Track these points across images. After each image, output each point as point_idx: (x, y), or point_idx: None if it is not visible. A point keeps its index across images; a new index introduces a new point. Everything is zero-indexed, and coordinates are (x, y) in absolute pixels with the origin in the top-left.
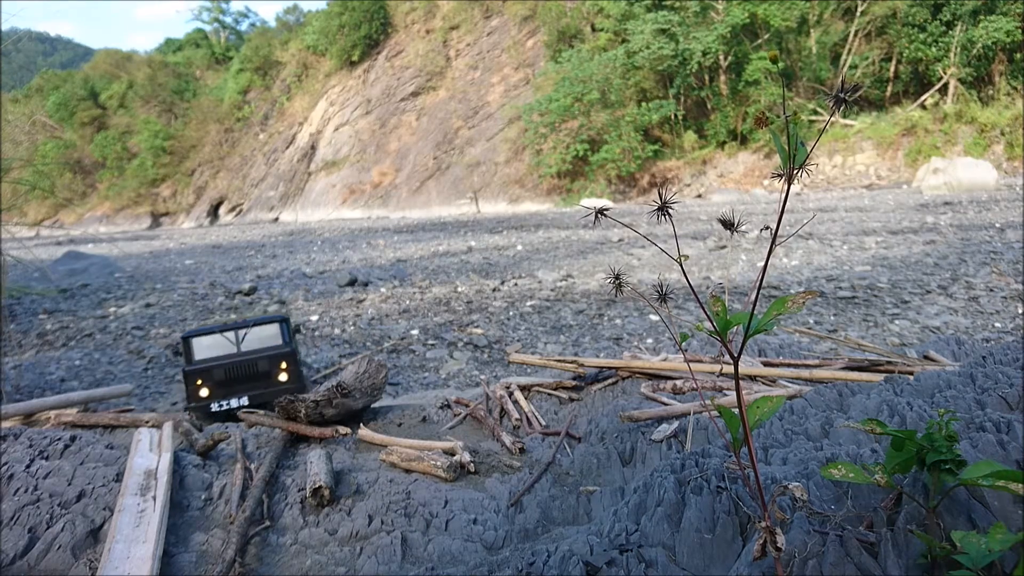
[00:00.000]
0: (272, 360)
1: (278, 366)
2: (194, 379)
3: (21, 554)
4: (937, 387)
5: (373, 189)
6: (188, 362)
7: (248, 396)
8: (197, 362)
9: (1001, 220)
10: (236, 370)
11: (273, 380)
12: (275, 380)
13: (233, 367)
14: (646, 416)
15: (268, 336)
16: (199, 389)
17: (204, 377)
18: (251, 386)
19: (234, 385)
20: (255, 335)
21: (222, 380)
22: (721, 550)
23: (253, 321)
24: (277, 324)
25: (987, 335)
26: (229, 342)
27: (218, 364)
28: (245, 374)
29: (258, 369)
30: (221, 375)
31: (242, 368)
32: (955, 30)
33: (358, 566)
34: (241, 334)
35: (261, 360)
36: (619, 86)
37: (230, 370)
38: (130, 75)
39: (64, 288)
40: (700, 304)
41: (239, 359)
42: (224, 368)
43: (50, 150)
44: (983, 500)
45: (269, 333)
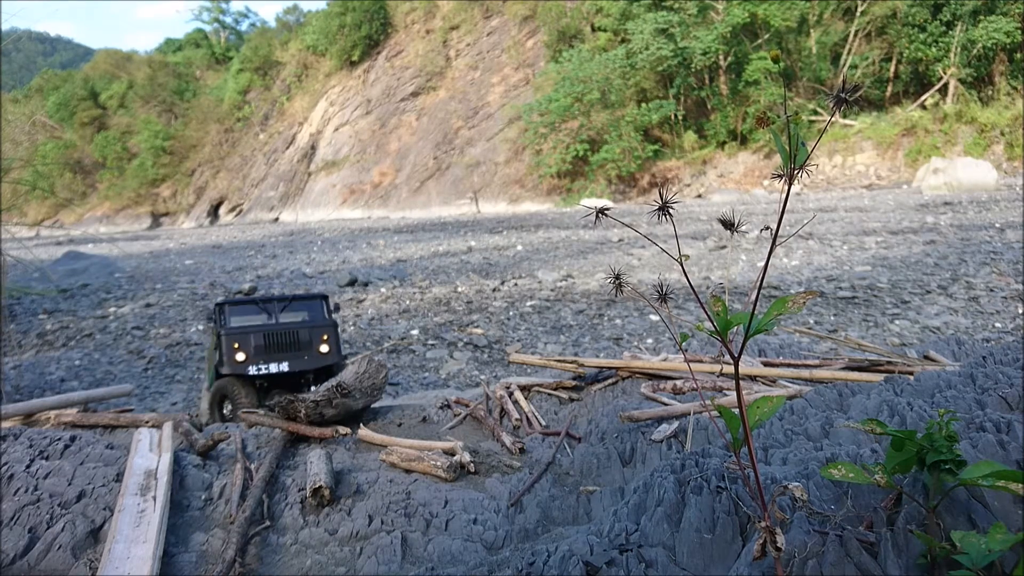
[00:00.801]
0: (313, 331)
1: (320, 337)
2: (231, 342)
3: (21, 554)
4: (937, 387)
5: (373, 189)
6: (223, 326)
7: (288, 363)
8: (234, 327)
9: (1001, 220)
10: (275, 337)
11: (314, 351)
12: (316, 351)
13: (272, 333)
14: (646, 416)
15: (309, 310)
16: (236, 352)
17: (241, 341)
18: (292, 354)
19: (273, 352)
20: (295, 309)
21: (260, 346)
22: (721, 550)
23: (293, 296)
24: (319, 300)
25: (987, 335)
26: (267, 314)
27: (256, 329)
28: (285, 342)
29: (298, 338)
30: (260, 340)
31: (282, 335)
32: (955, 30)
33: (358, 566)
34: (280, 307)
35: (302, 330)
36: (619, 86)
37: (269, 336)
38: (130, 75)
39: (64, 288)
40: (700, 304)
41: (279, 327)
42: (263, 333)
43: (50, 150)
44: (983, 500)
45: (310, 308)
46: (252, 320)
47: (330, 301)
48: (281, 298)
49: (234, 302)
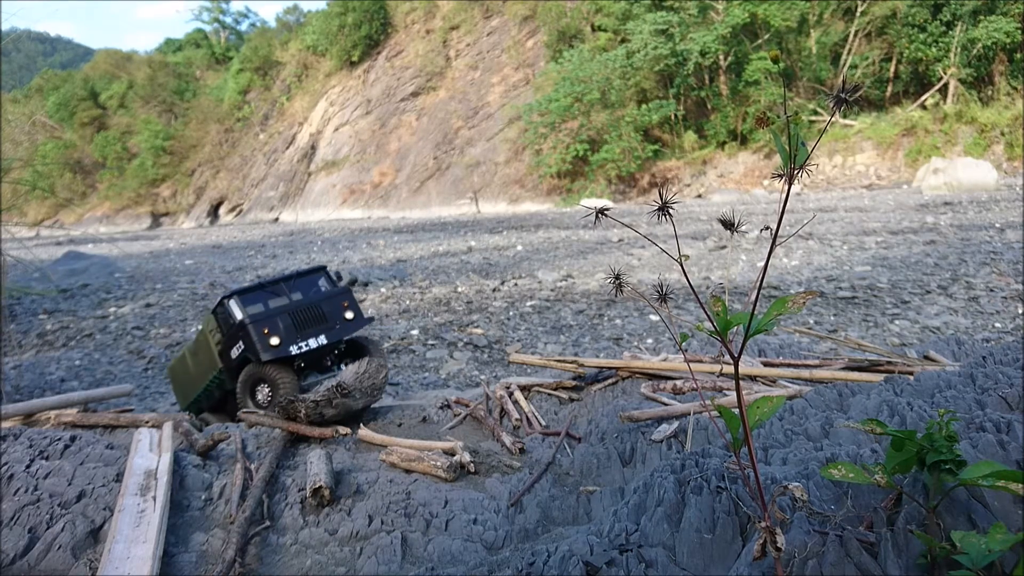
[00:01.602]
0: (333, 301)
1: (341, 305)
2: (259, 328)
3: (21, 554)
4: (937, 387)
5: (373, 189)
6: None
7: (325, 335)
8: (256, 314)
9: (1001, 220)
10: (302, 314)
11: (342, 319)
12: (343, 319)
13: (298, 311)
14: (646, 416)
15: (315, 284)
16: (268, 337)
17: (271, 326)
18: (323, 327)
19: (303, 328)
20: (301, 287)
21: (290, 326)
22: (721, 550)
23: (295, 273)
24: (320, 273)
25: (987, 335)
26: (277, 296)
27: (281, 311)
28: (312, 316)
29: (323, 310)
30: (288, 321)
31: (307, 311)
32: (955, 30)
33: (358, 566)
34: (287, 287)
35: (324, 302)
36: (619, 86)
37: (296, 314)
38: (130, 75)
39: (64, 288)
40: (700, 304)
41: (302, 304)
42: (288, 313)
43: (50, 150)
44: (983, 500)
45: (315, 282)
46: (268, 304)
47: (329, 271)
48: (283, 278)
49: (241, 291)
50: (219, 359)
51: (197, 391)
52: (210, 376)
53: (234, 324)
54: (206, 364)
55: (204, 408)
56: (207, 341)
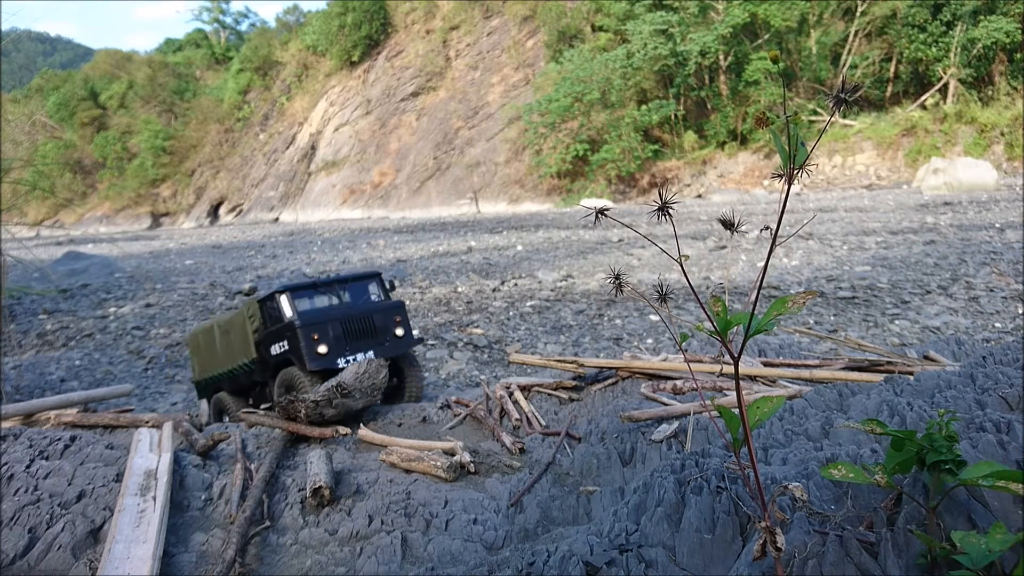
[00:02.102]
0: (386, 313)
1: (393, 319)
2: (310, 333)
3: (21, 554)
4: (937, 387)
5: (373, 189)
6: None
7: (373, 351)
8: (307, 316)
9: (1001, 220)
10: (353, 324)
11: (391, 335)
12: (393, 335)
13: (350, 320)
14: (646, 416)
15: (366, 291)
16: (317, 344)
17: (321, 332)
18: (372, 341)
19: (353, 341)
20: (353, 291)
21: (339, 335)
22: (721, 550)
23: (350, 275)
24: (374, 279)
25: (987, 335)
26: (328, 298)
27: (333, 318)
28: (363, 328)
29: (374, 323)
30: (338, 330)
31: (359, 322)
32: (955, 30)
33: (358, 566)
34: (340, 289)
35: (377, 314)
36: (619, 86)
37: (347, 324)
38: (130, 75)
39: (64, 288)
40: (700, 304)
41: (354, 313)
42: (340, 322)
43: (50, 150)
44: (983, 500)
45: (367, 288)
46: (319, 307)
47: (383, 279)
48: (338, 280)
49: (293, 288)
50: (254, 349)
51: (218, 370)
52: (239, 362)
53: (283, 323)
54: (237, 348)
55: (223, 388)
56: (244, 326)
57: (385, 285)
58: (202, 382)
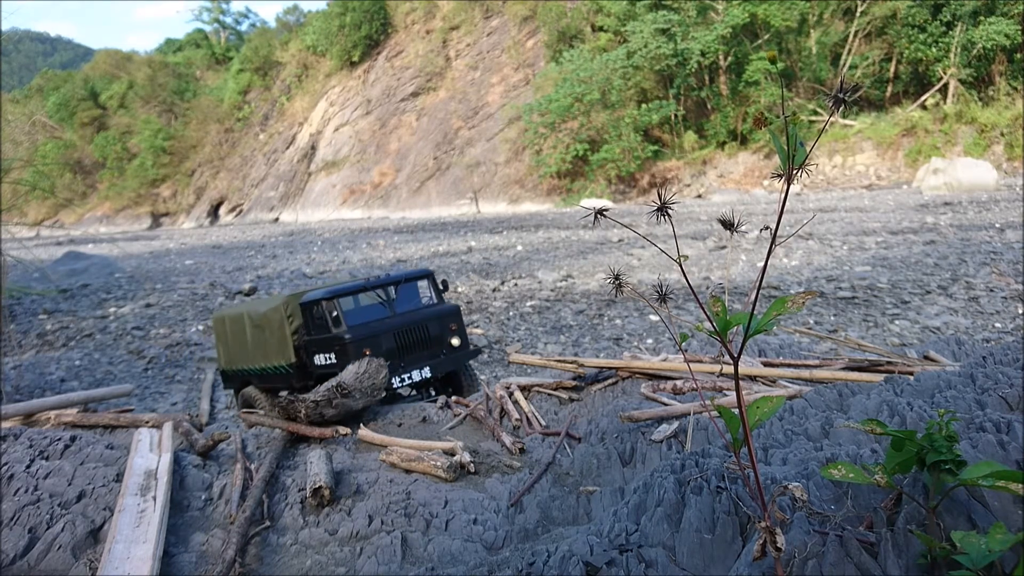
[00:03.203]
0: (442, 321)
1: (448, 328)
2: (359, 350)
3: (21, 554)
4: (937, 387)
5: (373, 189)
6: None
7: (430, 366)
8: (358, 329)
9: (1001, 220)
10: (406, 335)
11: (447, 345)
12: (449, 345)
13: (403, 332)
14: (646, 416)
15: (417, 293)
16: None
17: (373, 347)
18: (427, 354)
19: (407, 354)
20: (405, 293)
21: (392, 350)
22: (721, 550)
23: (400, 276)
24: (426, 279)
25: (987, 335)
26: (378, 303)
27: (385, 330)
28: (416, 339)
29: (429, 333)
30: (391, 343)
31: (412, 332)
32: (955, 31)
33: (358, 566)
34: (391, 292)
35: (431, 322)
36: (619, 86)
37: (400, 335)
38: (130, 75)
39: (64, 288)
40: (700, 304)
41: (407, 323)
42: (393, 334)
43: (50, 150)
44: (983, 500)
45: (418, 290)
46: (369, 314)
47: (436, 279)
48: (390, 281)
49: (342, 292)
50: (293, 353)
51: (248, 365)
52: (274, 363)
53: (330, 333)
54: (273, 347)
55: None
56: (281, 326)
57: (438, 285)
58: (228, 372)
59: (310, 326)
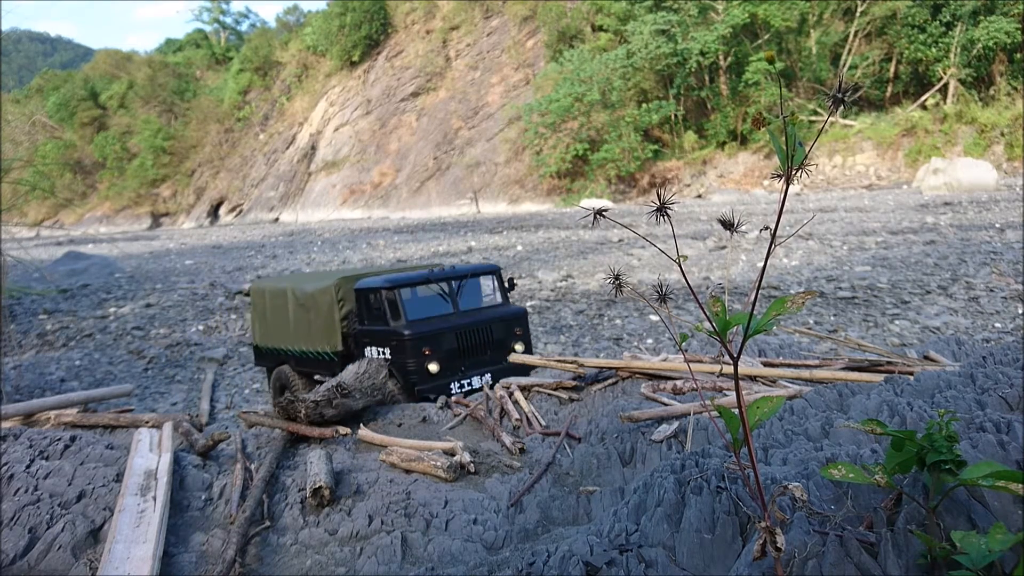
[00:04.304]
0: (507, 324)
1: (513, 332)
2: (421, 347)
3: (21, 554)
4: (937, 387)
5: (373, 189)
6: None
7: (491, 373)
8: (415, 324)
9: (1001, 220)
10: (469, 337)
11: (510, 351)
12: (512, 351)
13: (466, 333)
14: (646, 416)
15: (482, 292)
16: (427, 361)
17: (433, 346)
18: (489, 359)
19: (469, 357)
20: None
21: (453, 351)
22: (721, 550)
23: (467, 270)
24: (492, 275)
25: (987, 335)
26: (441, 298)
27: (447, 328)
28: (479, 342)
29: (493, 336)
30: (452, 343)
31: (475, 335)
32: (955, 31)
33: (358, 566)
34: (455, 287)
35: (495, 324)
36: (619, 86)
37: (463, 336)
38: (130, 75)
39: (64, 288)
40: (700, 304)
41: (471, 323)
42: (455, 334)
43: (50, 150)
44: (983, 500)
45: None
46: (431, 310)
47: (502, 276)
48: (455, 275)
49: (404, 283)
50: (340, 341)
51: (287, 345)
52: (318, 348)
53: (387, 326)
54: (318, 331)
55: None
56: (331, 310)
57: (504, 282)
58: (262, 349)
59: (364, 315)
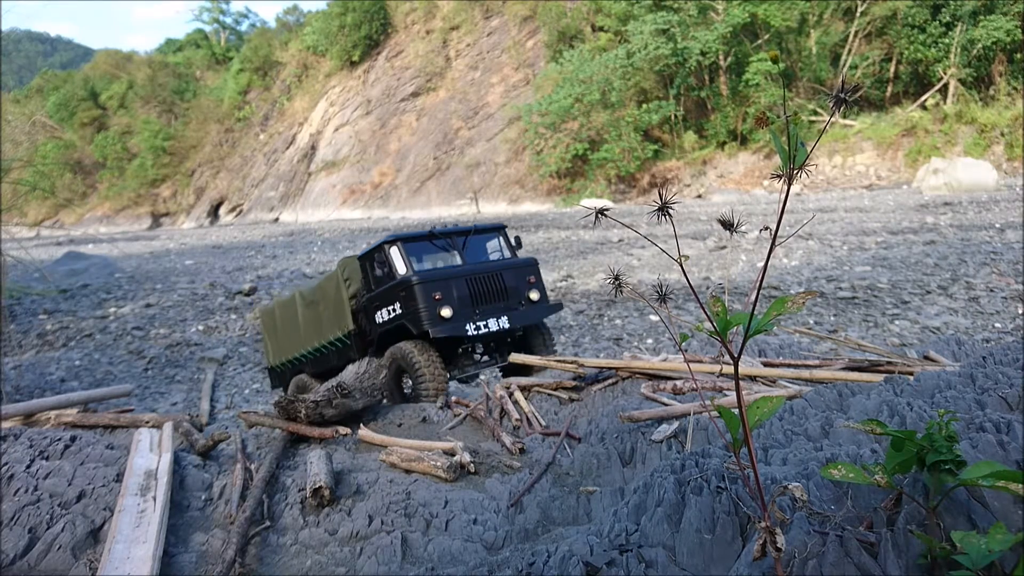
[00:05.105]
0: (518, 272)
1: (526, 280)
2: (429, 292)
3: (21, 554)
4: (937, 387)
5: (373, 189)
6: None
7: (507, 317)
8: (424, 273)
9: (1001, 220)
10: (481, 283)
11: (525, 298)
12: (527, 298)
13: (477, 279)
14: (646, 416)
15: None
16: (439, 306)
17: (443, 291)
18: (504, 305)
19: (481, 303)
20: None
21: (466, 297)
22: (721, 550)
23: (471, 227)
24: (499, 233)
25: (987, 335)
26: (447, 253)
27: (456, 274)
28: (492, 290)
29: (505, 284)
30: (464, 290)
31: (487, 282)
32: (955, 31)
33: (358, 566)
34: (459, 243)
35: (507, 272)
36: (619, 87)
37: (473, 283)
38: (130, 75)
39: (64, 288)
40: (700, 304)
41: (481, 270)
42: (465, 280)
43: (50, 150)
44: (983, 500)
45: (489, 244)
46: (440, 262)
47: (507, 233)
48: (459, 231)
49: (406, 238)
50: (350, 319)
51: (301, 350)
52: (329, 337)
53: (393, 281)
54: (328, 320)
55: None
56: (338, 291)
57: (511, 241)
58: (278, 368)
59: (370, 280)
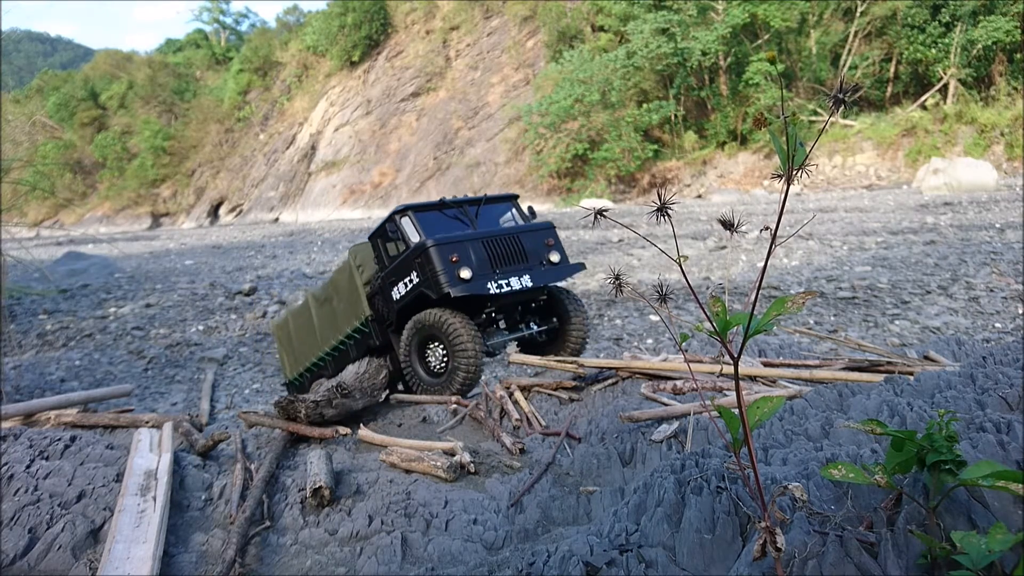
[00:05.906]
0: (535, 235)
1: (545, 243)
2: (446, 256)
3: (21, 554)
4: (937, 387)
5: (373, 189)
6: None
7: (530, 276)
8: (439, 237)
9: (1001, 220)
10: (498, 245)
11: (546, 259)
12: (548, 260)
13: (493, 241)
14: (646, 416)
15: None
16: (457, 268)
17: (461, 253)
18: (525, 266)
19: (501, 265)
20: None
21: (484, 259)
22: (721, 550)
23: (482, 198)
24: (511, 203)
25: (987, 335)
26: (460, 222)
27: (471, 238)
28: (510, 251)
29: (523, 245)
30: (481, 252)
31: (504, 243)
32: (955, 31)
33: (358, 566)
34: (472, 212)
35: (524, 234)
36: (619, 87)
37: (490, 245)
38: (130, 75)
39: (64, 288)
40: (700, 304)
41: (497, 233)
42: (482, 242)
43: (50, 150)
44: (983, 500)
45: (502, 213)
46: (452, 229)
47: (519, 203)
48: (470, 200)
49: (417, 208)
50: (366, 305)
51: (319, 353)
52: (347, 330)
53: (407, 249)
54: (343, 313)
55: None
56: (351, 280)
57: (523, 211)
58: (297, 381)
59: (383, 258)
